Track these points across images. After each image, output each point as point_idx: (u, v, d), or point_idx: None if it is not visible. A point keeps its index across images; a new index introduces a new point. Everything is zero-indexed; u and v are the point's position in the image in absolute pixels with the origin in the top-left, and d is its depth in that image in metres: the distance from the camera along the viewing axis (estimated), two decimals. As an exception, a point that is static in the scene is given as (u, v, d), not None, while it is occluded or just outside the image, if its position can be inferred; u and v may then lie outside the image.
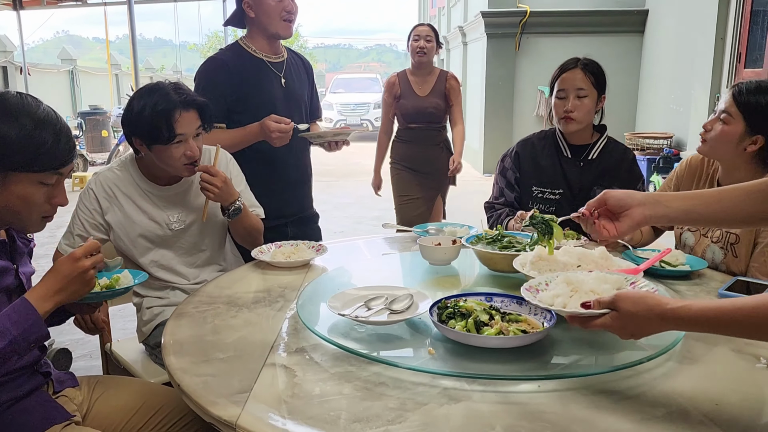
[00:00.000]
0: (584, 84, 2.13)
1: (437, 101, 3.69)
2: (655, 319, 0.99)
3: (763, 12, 5.91)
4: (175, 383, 1.16)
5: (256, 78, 2.32)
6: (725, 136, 1.74)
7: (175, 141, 1.75)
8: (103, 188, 1.86)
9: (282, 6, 2.27)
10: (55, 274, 1.24)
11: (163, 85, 1.78)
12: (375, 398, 1.07)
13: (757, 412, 1.02)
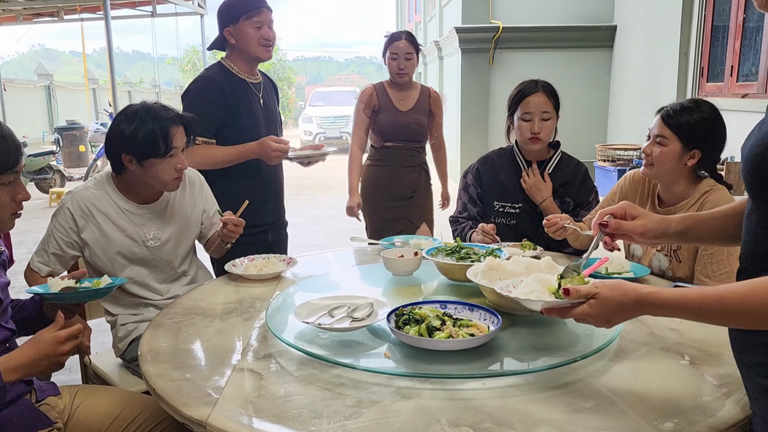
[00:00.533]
0: (547, 107, 2.28)
1: (420, 117, 3.25)
2: (630, 304, 1.04)
3: (723, 28, 6.15)
4: (151, 388, 1.26)
5: (244, 97, 2.46)
6: (666, 156, 1.88)
7: (170, 153, 1.86)
8: (79, 206, 1.92)
9: (260, 34, 2.42)
10: (34, 350, 1.30)
11: (150, 105, 1.90)
12: (334, 397, 1.17)
13: (674, 404, 1.14)
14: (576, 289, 1.10)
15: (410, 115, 3.24)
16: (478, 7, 8.64)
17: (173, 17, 12.82)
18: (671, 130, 1.87)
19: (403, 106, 3.25)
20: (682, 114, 1.87)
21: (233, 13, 2.42)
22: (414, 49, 3.17)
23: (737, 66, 5.93)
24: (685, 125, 1.85)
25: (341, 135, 16.15)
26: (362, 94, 3.32)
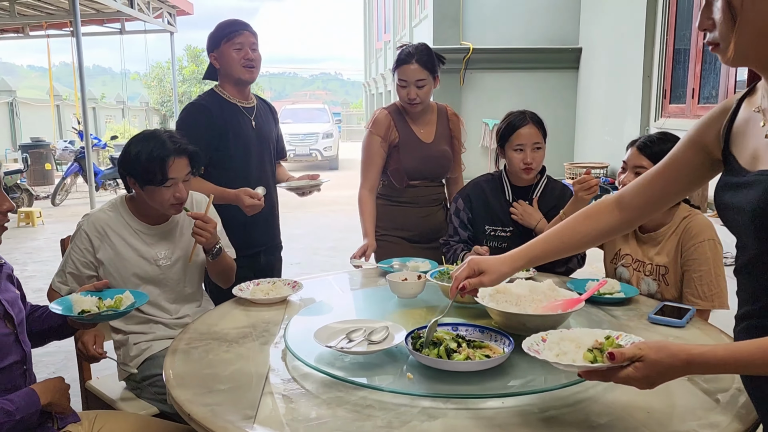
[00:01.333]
0: (538, 138, 2.39)
1: (445, 148, 2.73)
2: (681, 365, 1.02)
3: (684, 51, 6.44)
4: (185, 413, 1.30)
5: (234, 121, 2.52)
6: None
7: (166, 184, 1.93)
8: (95, 228, 2.00)
9: (241, 55, 2.49)
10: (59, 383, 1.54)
11: (160, 133, 1.98)
12: (365, 419, 1.24)
13: (681, 418, 1.24)
14: (621, 352, 1.05)
15: (435, 146, 2.68)
16: (448, 29, 8.85)
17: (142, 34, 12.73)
18: (649, 159, 2.00)
19: (426, 136, 2.69)
20: (659, 143, 2.00)
21: (216, 37, 2.52)
22: (429, 73, 2.58)
23: (698, 88, 6.21)
24: (661, 155, 1.98)
25: (311, 152, 16.19)
26: (376, 123, 2.67)
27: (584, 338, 1.23)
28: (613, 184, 7.29)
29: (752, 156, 1.08)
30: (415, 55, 2.56)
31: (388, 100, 14.46)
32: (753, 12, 0.98)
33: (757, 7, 0.97)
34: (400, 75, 2.57)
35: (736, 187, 1.09)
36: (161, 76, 23.75)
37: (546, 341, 1.29)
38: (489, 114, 9.05)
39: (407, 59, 2.56)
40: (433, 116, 2.74)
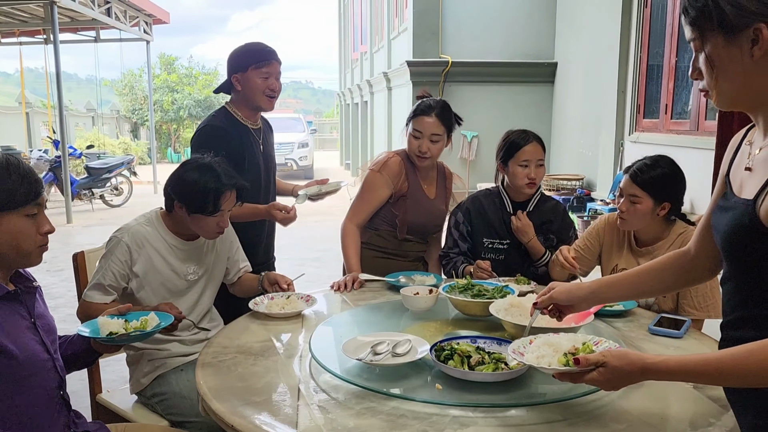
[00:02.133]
0: (541, 155, 2.53)
1: (443, 208, 2.72)
2: (637, 372, 1.15)
3: (657, 67, 6.68)
4: (227, 425, 1.36)
5: (247, 144, 2.56)
6: (641, 213, 2.15)
7: (215, 215, 2.00)
8: (135, 241, 2.04)
9: (267, 84, 2.52)
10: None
11: (216, 166, 2.04)
12: (401, 427, 1.32)
13: (690, 422, 1.35)
14: (585, 358, 1.20)
15: (437, 204, 2.66)
16: (428, 42, 9.00)
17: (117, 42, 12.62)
18: (641, 188, 2.13)
19: (430, 192, 2.67)
20: (648, 170, 2.13)
21: (243, 61, 2.52)
22: (445, 129, 2.55)
23: (671, 104, 6.44)
24: (651, 182, 2.11)
25: (286, 161, 16.19)
26: (387, 167, 2.58)
27: (563, 343, 1.38)
28: (589, 195, 7.50)
29: (740, 184, 1.18)
30: (435, 108, 2.54)
31: (364, 111, 14.57)
32: (728, 62, 1.07)
33: (731, 59, 1.07)
34: (415, 125, 2.52)
35: (722, 210, 1.20)
36: (132, 83, 23.46)
37: (532, 344, 1.42)
38: (467, 126, 9.18)
39: (427, 111, 2.52)
40: (434, 173, 2.72)
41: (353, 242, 2.59)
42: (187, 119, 23.65)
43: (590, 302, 1.54)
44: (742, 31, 1.04)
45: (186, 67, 25.03)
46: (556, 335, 1.45)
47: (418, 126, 2.52)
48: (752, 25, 1.02)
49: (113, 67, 24.08)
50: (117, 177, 11.12)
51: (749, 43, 1.03)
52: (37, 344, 1.49)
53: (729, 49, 1.06)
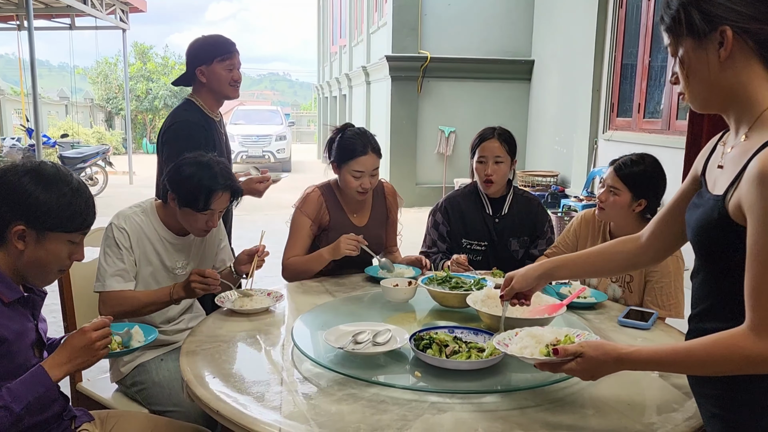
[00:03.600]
0: (500, 152, 2.56)
1: (379, 234, 2.64)
2: (612, 362, 1.21)
3: (631, 67, 6.81)
4: (213, 410, 1.40)
5: (215, 135, 2.65)
6: (618, 205, 2.23)
7: (204, 212, 2.02)
8: (133, 229, 2.06)
9: (231, 75, 2.67)
10: (67, 345, 1.46)
11: (214, 164, 2.05)
12: (381, 413, 1.37)
13: (657, 409, 1.42)
14: (564, 349, 1.26)
15: (367, 231, 2.53)
16: (407, 38, 9.05)
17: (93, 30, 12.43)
18: (622, 181, 2.21)
19: (360, 220, 2.61)
20: (632, 166, 2.21)
21: (208, 53, 2.63)
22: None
23: (644, 103, 6.58)
24: (633, 177, 2.19)
25: (264, 154, 16.12)
26: (306, 202, 2.54)
27: (546, 335, 1.45)
28: (563, 191, 7.63)
29: (713, 182, 1.25)
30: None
31: (342, 104, 14.58)
32: (699, 65, 1.14)
33: (700, 63, 1.14)
34: (355, 166, 2.44)
35: (695, 207, 1.26)
36: (107, 72, 23.11)
37: (517, 336, 1.49)
38: (445, 121, 9.31)
39: (365, 146, 2.46)
40: (369, 198, 2.63)
41: (298, 259, 2.50)
42: (163, 109, 23.37)
43: (546, 280, 1.66)
44: (710, 35, 1.10)
45: (162, 57, 24.74)
46: (540, 328, 1.51)
47: (358, 166, 2.44)
48: (718, 28, 1.09)
49: (86, 54, 23.67)
50: (92, 167, 10.98)
51: (716, 45, 1.10)
52: (31, 348, 1.51)
53: (699, 53, 1.13)
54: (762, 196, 1.02)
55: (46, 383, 1.40)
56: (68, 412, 1.60)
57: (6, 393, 1.36)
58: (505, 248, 2.65)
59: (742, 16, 1.08)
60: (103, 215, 1.75)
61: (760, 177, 1.03)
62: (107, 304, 1.99)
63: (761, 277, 1.03)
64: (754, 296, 1.04)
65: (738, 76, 1.11)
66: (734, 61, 1.11)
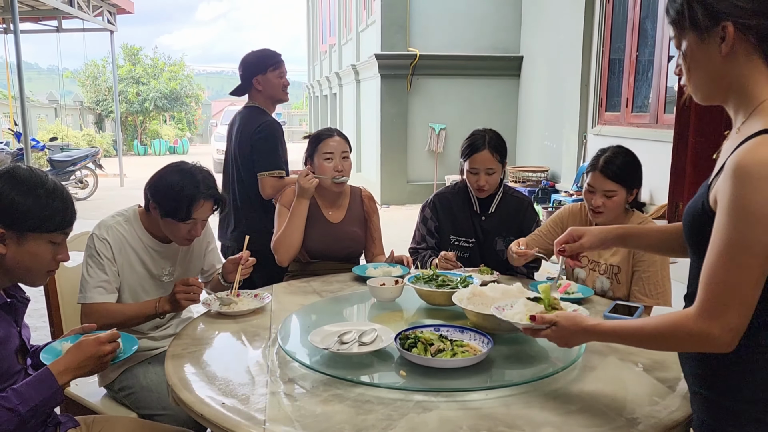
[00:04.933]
0: (492, 164, 2.57)
1: (356, 231, 2.73)
2: (581, 332, 1.35)
3: (619, 62, 6.84)
4: (197, 414, 1.40)
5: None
6: (617, 206, 2.23)
7: (186, 221, 2.01)
8: (116, 239, 2.05)
9: (281, 82, 3.09)
10: (79, 352, 1.48)
11: (196, 173, 2.04)
12: (366, 413, 1.37)
13: (639, 403, 1.43)
14: (541, 316, 1.41)
15: (342, 227, 2.69)
16: (396, 35, 9.05)
17: (81, 33, 12.35)
18: (615, 181, 2.20)
19: (335, 217, 2.72)
20: (615, 162, 2.20)
21: (261, 64, 3.05)
22: (349, 144, 2.72)
23: (632, 98, 6.61)
24: (620, 172, 2.19)
25: (255, 154, 16.06)
26: (284, 195, 2.70)
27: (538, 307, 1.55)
28: (553, 186, 7.65)
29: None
30: (335, 129, 2.73)
31: (333, 103, 14.55)
32: (701, 59, 1.18)
33: (702, 57, 1.17)
34: (324, 150, 2.61)
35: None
36: (96, 74, 22.97)
37: (514, 307, 1.61)
38: (435, 119, 9.31)
39: (327, 130, 2.69)
40: (346, 200, 2.76)
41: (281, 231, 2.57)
42: (153, 111, 23.28)
43: (616, 244, 1.69)
44: (712, 30, 1.13)
45: (151, 58, 24.63)
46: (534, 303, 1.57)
47: (327, 150, 2.61)
48: (720, 24, 1.11)
49: (75, 57, 23.51)
50: (82, 170, 10.93)
51: (718, 40, 1.13)
52: (14, 354, 1.51)
53: (701, 47, 1.16)
54: (729, 190, 1.05)
55: (53, 386, 1.43)
56: (53, 418, 1.59)
57: (13, 395, 1.37)
58: (490, 247, 2.66)
59: (743, 12, 1.10)
60: (93, 218, 1.75)
61: (731, 170, 1.05)
62: (90, 317, 1.96)
63: (714, 266, 1.09)
64: (705, 281, 1.11)
65: (739, 70, 1.14)
66: (735, 56, 1.13)
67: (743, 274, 1.06)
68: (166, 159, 20.22)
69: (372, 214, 2.81)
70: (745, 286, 1.07)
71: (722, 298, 1.08)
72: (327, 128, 2.75)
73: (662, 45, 5.99)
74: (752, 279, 1.07)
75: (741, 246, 1.05)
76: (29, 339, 1.60)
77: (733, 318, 1.08)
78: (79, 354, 1.47)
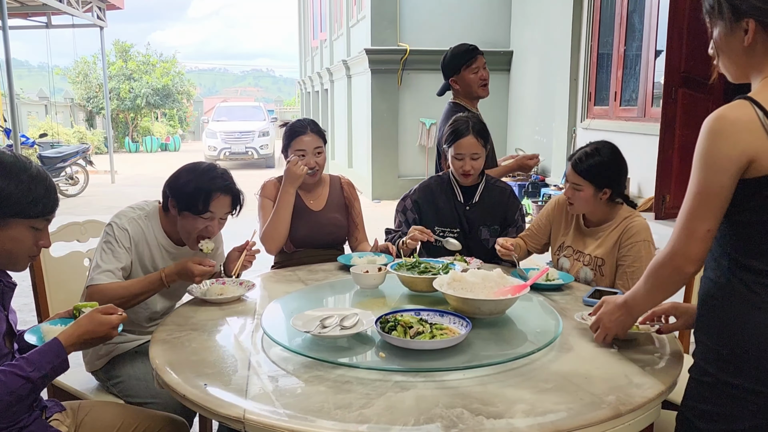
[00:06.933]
0: (477, 149, 2.61)
1: (337, 217, 2.78)
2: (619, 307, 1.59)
3: (607, 56, 6.88)
4: (179, 395, 1.43)
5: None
6: (583, 199, 2.27)
7: (204, 215, 2.03)
8: (135, 232, 2.07)
9: (478, 77, 3.17)
10: (88, 323, 1.53)
11: (213, 168, 2.09)
12: (345, 392, 1.40)
13: (612, 381, 1.46)
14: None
15: (324, 214, 2.75)
16: (386, 31, 9.06)
17: (70, 29, 12.31)
18: (582, 176, 2.24)
19: (316, 205, 2.76)
20: (587, 159, 2.24)
21: (455, 65, 3.18)
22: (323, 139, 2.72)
23: (620, 92, 6.66)
24: (589, 170, 2.23)
25: (247, 150, 16.09)
26: (264, 188, 2.73)
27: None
28: (543, 181, 7.70)
29: None
30: (308, 121, 2.72)
31: (325, 98, 14.55)
32: (728, 47, 1.36)
33: (728, 45, 1.35)
34: (297, 146, 2.64)
35: None
36: (86, 71, 22.87)
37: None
38: (426, 114, 9.34)
39: (299, 124, 2.69)
40: (325, 188, 2.81)
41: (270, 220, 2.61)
42: (145, 108, 23.20)
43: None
44: (737, 24, 1.31)
45: (143, 55, 24.53)
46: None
47: (300, 146, 2.65)
48: (743, 20, 1.30)
49: (66, 54, 23.43)
50: (72, 166, 10.90)
51: (742, 33, 1.31)
52: (2, 338, 1.53)
53: (728, 37, 1.34)
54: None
55: (62, 354, 1.48)
56: (39, 403, 1.62)
57: (24, 363, 1.42)
58: (475, 236, 2.69)
59: (763, 12, 1.27)
60: (83, 215, 1.75)
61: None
62: (94, 296, 1.94)
63: (682, 208, 1.33)
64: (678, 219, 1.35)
65: (758, 58, 1.31)
66: (756, 46, 1.30)
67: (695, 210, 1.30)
68: (158, 156, 20.31)
69: (353, 200, 2.85)
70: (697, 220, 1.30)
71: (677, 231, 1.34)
72: (301, 122, 2.71)
73: (649, 39, 6.04)
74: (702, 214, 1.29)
75: (693, 188, 1.30)
76: (16, 323, 1.63)
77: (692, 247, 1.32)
78: (85, 325, 1.52)
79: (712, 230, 1.30)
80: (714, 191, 1.27)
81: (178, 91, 24.55)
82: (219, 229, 2.14)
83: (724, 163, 1.25)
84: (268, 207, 2.67)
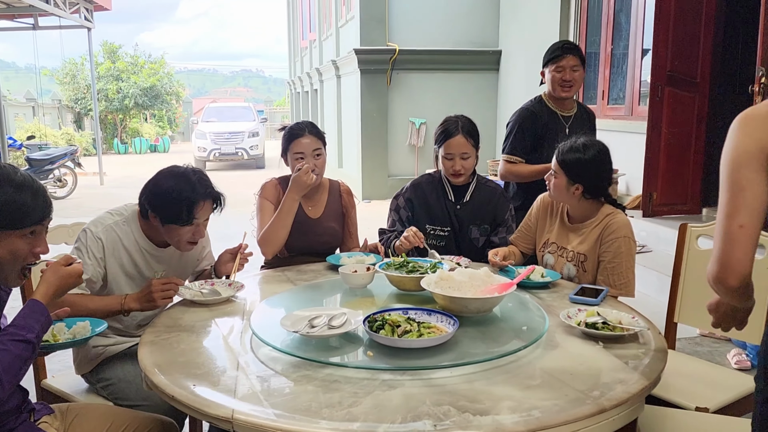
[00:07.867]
0: (467, 148, 2.63)
1: (332, 225, 2.74)
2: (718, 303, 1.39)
3: (595, 55, 6.93)
4: (168, 396, 1.43)
5: (551, 126, 3.13)
6: (557, 187, 2.31)
7: (189, 224, 2.02)
8: (110, 239, 2.04)
9: (560, 76, 3.08)
10: (56, 278, 1.58)
11: (190, 175, 2.05)
12: (334, 391, 1.41)
13: (596, 377, 1.48)
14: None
15: (321, 223, 2.71)
16: (375, 30, 9.07)
17: (57, 30, 12.23)
18: (559, 165, 2.29)
19: (314, 212, 2.71)
20: (568, 153, 2.28)
21: (544, 59, 3.16)
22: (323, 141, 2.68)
23: (607, 90, 6.71)
24: (568, 162, 2.26)
25: (237, 151, 16.04)
26: (265, 188, 2.69)
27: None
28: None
29: None
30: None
31: (314, 99, 14.54)
32: None
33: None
34: (295, 149, 2.61)
35: None
36: (74, 72, 22.72)
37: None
38: (415, 113, 9.36)
39: (297, 126, 2.67)
40: (324, 195, 2.76)
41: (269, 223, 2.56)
42: (134, 109, 23.08)
43: None
44: None
45: (131, 56, 24.40)
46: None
47: (297, 150, 2.61)
48: None
49: (54, 55, 23.28)
50: (60, 168, 10.84)
51: None
52: None
53: None
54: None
55: (44, 312, 1.51)
56: (27, 405, 1.62)
57: (16, 329, 1.44)
58: (465, 235, 2.71)
59: None
60: (72, 217, 1.74)
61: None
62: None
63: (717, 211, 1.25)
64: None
65: None
66: None
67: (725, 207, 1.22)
68: (147, 158, 20.18)
69: (350, 208, 2.82)
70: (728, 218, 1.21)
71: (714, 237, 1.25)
72: (299, 125, 2.69)
73: (636, 39, 6.09)
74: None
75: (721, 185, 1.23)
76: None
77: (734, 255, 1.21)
78: (54, 279, 1.56)
79: (745, 226, 1.20)
80: (740, 185, 1.20)
81: (167, 92, 24.44)
82: (204, 229, 2.13)
83: (744, 158, 1.21)
84: (266, 208, 2.64)
